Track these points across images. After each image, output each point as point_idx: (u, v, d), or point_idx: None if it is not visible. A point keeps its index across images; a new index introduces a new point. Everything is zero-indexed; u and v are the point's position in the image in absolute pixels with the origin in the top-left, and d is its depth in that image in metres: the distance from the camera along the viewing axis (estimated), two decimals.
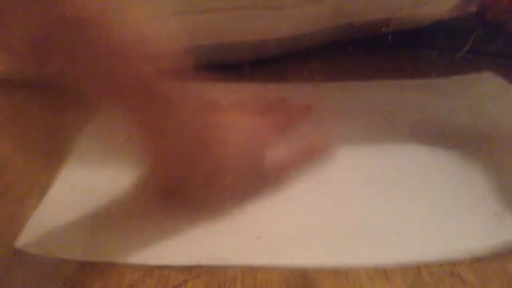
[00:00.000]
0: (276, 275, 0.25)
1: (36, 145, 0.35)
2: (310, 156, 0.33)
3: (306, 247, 0.26)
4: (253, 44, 0.47)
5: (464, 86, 0.43)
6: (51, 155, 0.33)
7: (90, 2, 0.24)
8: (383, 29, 0.53)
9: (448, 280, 0.24)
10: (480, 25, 0.36)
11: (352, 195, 0.31)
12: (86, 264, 0.25)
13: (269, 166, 0.30)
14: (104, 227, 0.27)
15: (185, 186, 0.28)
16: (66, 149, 0.34)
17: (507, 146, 0.34)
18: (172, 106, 0.27)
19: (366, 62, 0.51)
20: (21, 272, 0.24)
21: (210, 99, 0.31)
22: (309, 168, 0.32)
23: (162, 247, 0.26)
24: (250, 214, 0.28)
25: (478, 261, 0.25)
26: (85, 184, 0.31)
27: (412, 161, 0.34)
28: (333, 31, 0.50)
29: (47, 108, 0.40)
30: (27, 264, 0.25)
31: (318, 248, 0.26)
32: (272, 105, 0.39)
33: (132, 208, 0.29)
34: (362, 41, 0.53)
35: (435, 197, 0.30)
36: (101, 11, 0.24)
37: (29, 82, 0.41)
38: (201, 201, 0.28)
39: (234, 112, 0.34)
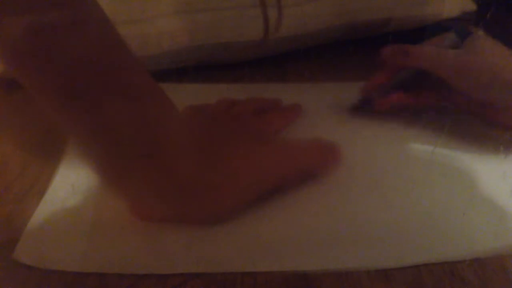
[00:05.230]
0: (276, 275, 0.25)
1: (36, 145, 0.35)
2: (318, 159, 0.32)
3: (307, 250, 0.26)
4: (253, 44, 0.47)
5: None
6: (50, 154, 0.33)
7: None
8: (383, 29, 0.53)
9: (448, 280, 0.24)
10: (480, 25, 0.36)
11: (352, 196, 0.31)
12: None
13: (274, 169, 0.29)
14: (101, 234, 0.27)
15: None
16: (66, 148, 0.34)
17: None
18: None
19: (366, 62, 0.51)
20: (21, 272, 0.24)
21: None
22: (317, 171, 0.32)
23: (160, 254, 0.26)
24: (251, 217, 0.28)
25: (478, 261, 0.25)
26: (85, 182, 0.31)
27: (412, 161, 0.34)
28: (333, 31, 0.50)
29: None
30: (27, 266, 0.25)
31: (318, 250, 0.26)
32: (265, 105, 0.39)
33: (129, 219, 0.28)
34: (362, 41, 0.53)
35: (435, 197, 0.30)
36: None
37: None
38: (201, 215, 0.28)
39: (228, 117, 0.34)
